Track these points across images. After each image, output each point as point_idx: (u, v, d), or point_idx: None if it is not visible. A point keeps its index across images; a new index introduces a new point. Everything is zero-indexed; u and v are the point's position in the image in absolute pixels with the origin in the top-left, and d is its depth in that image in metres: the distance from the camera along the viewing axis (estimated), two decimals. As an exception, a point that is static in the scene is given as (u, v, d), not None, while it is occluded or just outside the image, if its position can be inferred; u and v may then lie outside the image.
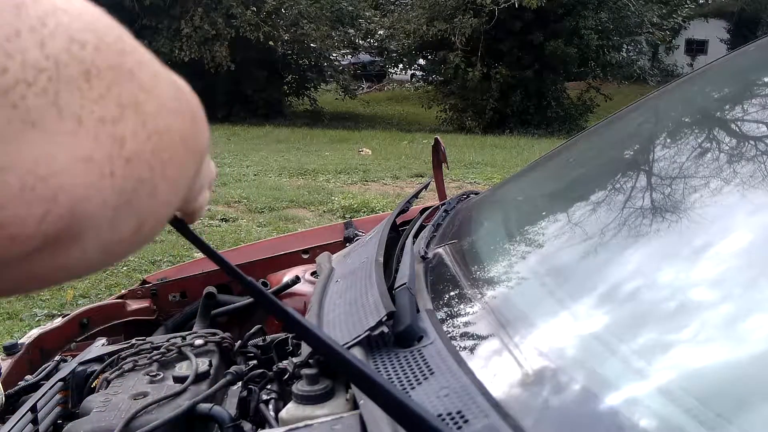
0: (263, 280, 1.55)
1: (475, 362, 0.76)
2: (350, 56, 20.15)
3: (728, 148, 1.08)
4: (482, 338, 0.84)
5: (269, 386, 0.97)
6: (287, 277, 1.42)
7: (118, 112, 0.25)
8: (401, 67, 18.37)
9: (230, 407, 0.93)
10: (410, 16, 15.94)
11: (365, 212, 6.39)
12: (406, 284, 0.95)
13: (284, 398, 0.92)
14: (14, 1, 0.22)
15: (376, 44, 18.43)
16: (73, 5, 0.25)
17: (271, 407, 0.92)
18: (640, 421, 0.60)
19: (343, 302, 1.00)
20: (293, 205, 7.07)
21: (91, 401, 0.94)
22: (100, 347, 1.17)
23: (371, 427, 0.66)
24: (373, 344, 0.83)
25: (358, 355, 0.81)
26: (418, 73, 18.23)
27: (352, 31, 17.15)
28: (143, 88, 0.27)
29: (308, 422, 0.74)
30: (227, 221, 6.31)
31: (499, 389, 0.69)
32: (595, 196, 1.19)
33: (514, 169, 7.28)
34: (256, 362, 1.08)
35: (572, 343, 0.78)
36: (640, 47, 18.45)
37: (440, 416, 0.64)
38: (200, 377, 0.97)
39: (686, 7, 17.84)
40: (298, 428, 0.73)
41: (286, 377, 0.93)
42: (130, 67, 0.26)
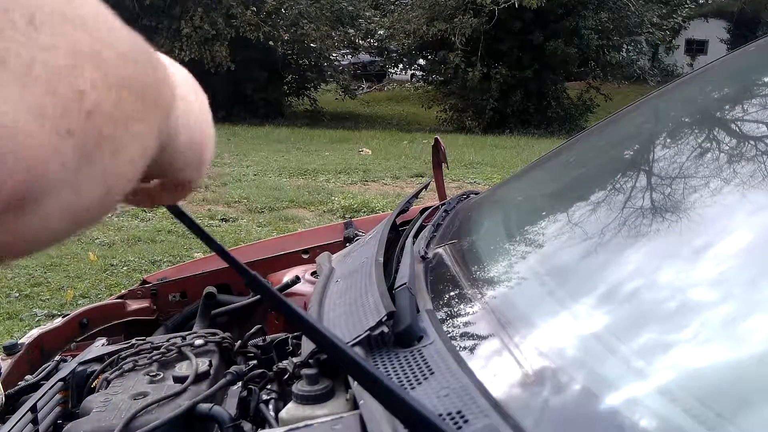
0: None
1: (475, 362, 0.76)
2: (350, 56, 20.12)
3: (728, 148, 1.08)
4: (482, 338, 0.84)
5: (269, 386, 0.97)
6: (287, 277, 1.42)
7: (72, 61, 0.23)
8: (401, 67, 18.39)
9: (230, 407, 0.93)
10: (410, 16, 15.92)
11: (365, 212, 6.40)
12: (406, 284, 0.95)
13: (284, 398, 0.92)
14: None
15: (376, 44, 18.41)
16: None
17: (271, 407, 0.91)
18: (640, 421, 0.60)
19: (343, 302, 1.00)
20: (293, 205, 7.07)
21: (91, 401, 0.94)
22: (100, 347, 1.17)
23: (371, 426, 0.66)
24: (373, 344, 0.84)
25: (358, 355, 0.81)
26: (418, 73, 18.21)
27: (352, 31, 17.15)
28: (99, 37, 0.25)
29: (308, 422, 0.74)
30: (227, 221, 6.32)
31: (499, 389, 0.69)
32: (595, 196, 1.19)
33: (514, 169, 7.29)
34: (256, 362, 1.08)
35: (572, 343, 0.78)
36: (640, 47, 18.43)
37: (440, 416, 0.64)
38: (200, 377, 0.97)
39: (686, 7, 17.87)
40: (298, 428, 0.73)
41: (286, 377, 0.93)
42: (81, 13, 0.24)
